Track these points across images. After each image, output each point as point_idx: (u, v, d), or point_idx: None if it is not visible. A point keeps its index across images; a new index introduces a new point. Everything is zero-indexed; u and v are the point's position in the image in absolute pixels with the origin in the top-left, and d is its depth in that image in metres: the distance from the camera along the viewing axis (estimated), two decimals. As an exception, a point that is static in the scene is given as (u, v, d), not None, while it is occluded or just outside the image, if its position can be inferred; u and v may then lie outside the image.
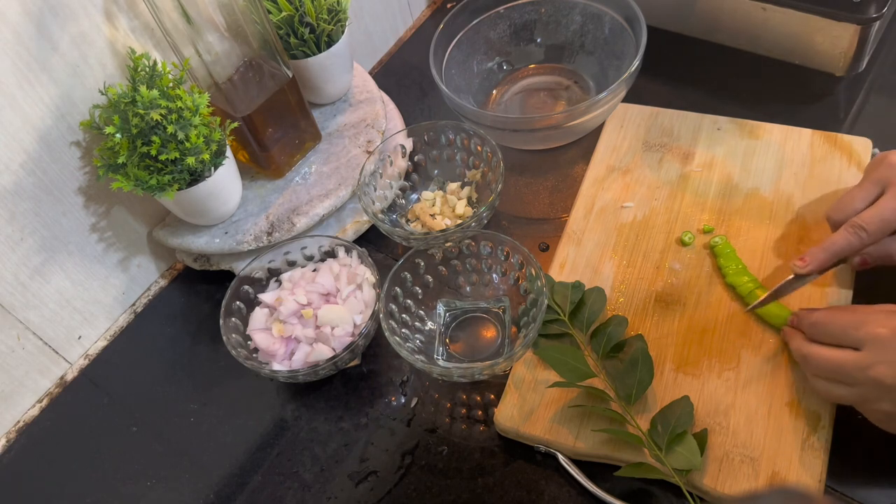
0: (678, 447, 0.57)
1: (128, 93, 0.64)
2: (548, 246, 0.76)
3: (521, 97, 0.90)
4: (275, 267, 0.73)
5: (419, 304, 0.70)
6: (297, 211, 0.76)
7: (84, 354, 0.78)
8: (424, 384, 0.69)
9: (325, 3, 0.76)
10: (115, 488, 0.67)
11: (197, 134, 0.66)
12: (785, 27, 0.81)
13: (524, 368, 0.66)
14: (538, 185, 0.82)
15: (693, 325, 0.65)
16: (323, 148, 0.82)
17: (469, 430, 0.65)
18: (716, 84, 0.87)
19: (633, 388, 0.61)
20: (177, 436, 0.70)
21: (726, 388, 0.61)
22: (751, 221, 0.71)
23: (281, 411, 0.70)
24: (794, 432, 0.58)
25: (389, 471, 0.64)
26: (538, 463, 0.62)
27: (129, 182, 0.65)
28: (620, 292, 0.69)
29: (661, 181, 0.76)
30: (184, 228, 0.77)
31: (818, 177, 0.73)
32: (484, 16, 0.87)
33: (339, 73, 0.82)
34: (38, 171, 0.66)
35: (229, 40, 0.71)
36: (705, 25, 0.88)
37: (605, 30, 0.85)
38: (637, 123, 0.81)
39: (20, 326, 0.70)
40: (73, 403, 0.74)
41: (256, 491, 0.65)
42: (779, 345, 0.63)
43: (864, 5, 0.75)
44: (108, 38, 0.67)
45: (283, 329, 0.68)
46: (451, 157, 0.80)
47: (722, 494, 0.56)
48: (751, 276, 0.66)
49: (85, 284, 0.74)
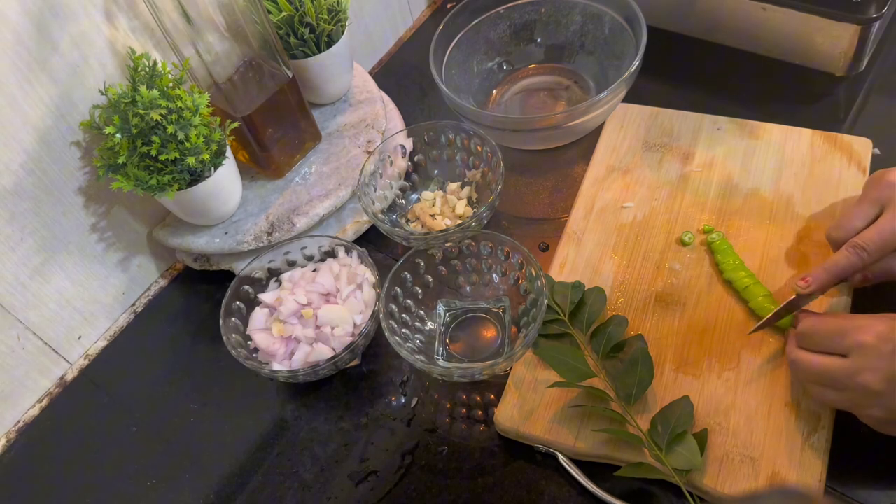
0: (678, 447, 0.57)
1: (128, 93, 0.64)
2: (548, 246, 0.76)
3: (521, 97, 0.90)
4: (275, 267, 0.73)
5: (419, 304, 0.70)
6: (297, 211, 0.76)
7: (84, 354, 0.78)
8: (424, 384, 0.69)
9: (325, 3, 0.76)
10: (115, 488, 0.67)
11: (197, 134, 0.66)
12: (785, 27, 0.81)
13: (524, 368, 0.65)
14: (538, 185, 0.82)
15: (693, 325, 0.65)
16: (323, 148, 0.82)
17: (469, 430, 0.65)
18: (716, 84, 0.87)
19: (633, 388, 0.61)
20: (177, 436, 0.70)
21: (726, 388, 0.61)
22: (751, 221, 0.71)
23: (281, 411, 0.70)
24: (794, 432, 0.58)
25: (389, 471, 0.64)
26: (538, 463, 0.62)
27: (129, 182, 0.65)
28: (620, 292, 0.69)
29: (661, 181, 0.76)
30: (184, 228, 0.77)
31: (818, 177, 0.73)
32: (484, 16, 0.87)
33: (339, 73, 0.82)
34: (38, 171, 0.66)
35: (229, 40, 0.71)
36: (705, 25, 0.88)
37: (605, 30, 0.85)
38: (637, 123, 0.81)
39: (20, 326, 0.70)
40: (73, 403, 0.74)
41: (256, 491, 0.65)
42: (779, 345, 0.63)
43: (864, 5, 0.75)
44: (108, 38, 0.67)
45: (283, 329, 0.68)
46: (451, 157, 0.80)
47: (722, 494, 0.56)
48: (748, 272, 0.66)
49: (85, 284, 0.74)
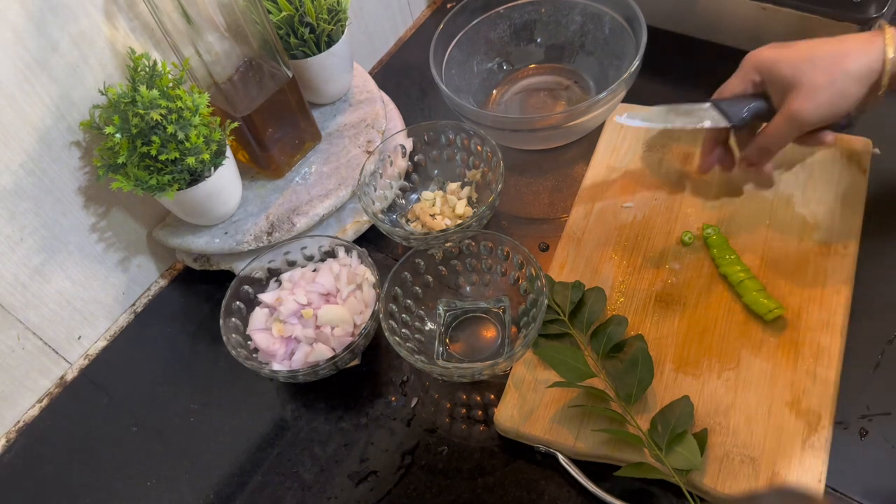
0: (678, 447, 0.57)
1: (128, 93, 0.64)
2: (548, 246, 0.76)
3: (521, 97, 0.90)
4: (275, 267, 0.73)
5: (419, 304, 0.70)
6: (297, 211, 0.76)
7: (84, 354, 0.78)
8: (424, 384, 0.69)
9: (325, 3, 0.76)
10: (115, 488, 0.67)
11: (197, 134, 0.66)
12: (785, 27, 0.81)
13: (524, 368, 0.65)
14: (538, 185, 0.82)
15: (693, 325, 0.65)
16: (323, 148, 0.82)
17: (469, 430, 0.65)
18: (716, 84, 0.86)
19: (633, 388, 0.61)
20: (177, 436, 0.70)
21: (726, 388, 0.61)
22: (751, 221, 0.71)
23: (281, 411, 0.70)
24: (794, 432, 0.58)
25: (389, 471, 0.64)
26: (538, 463, 0.62)
27: (129, 182, 0.65)
28: (620, 292, 0.69)
29: (661, 181, 0.76)
30: (184, 228, 0.77)
31: (818, 177, 0.73)
32: (484, 16, 0.87)
33: (339, 73, 0.82)
34: (38, 171, 0.66)
35: (229, 40, 0.71)
36: (705, 25, 0.88)
37: (605, 30, 0.85)
38: (637, 123, 0.81)
39: (20, 326, 0.70)
40: (73, 403, 0.74)
41: (256, 491, 0.65)
42: (779, 345, 0.63)
43: (864, 5, 0.75)
44: (108, 38, 0.67)
45: (283, 329, 0.68)
46: (451, 157, 0.80)
47: (722, 494, 0.56)
48: (743, 266, 0.66)
49: (85, 284, 0.74)
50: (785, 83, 0.62)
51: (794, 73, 0.61)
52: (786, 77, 0.61)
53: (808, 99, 0.60)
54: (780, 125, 0.63)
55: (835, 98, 0.60)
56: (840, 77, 0.59)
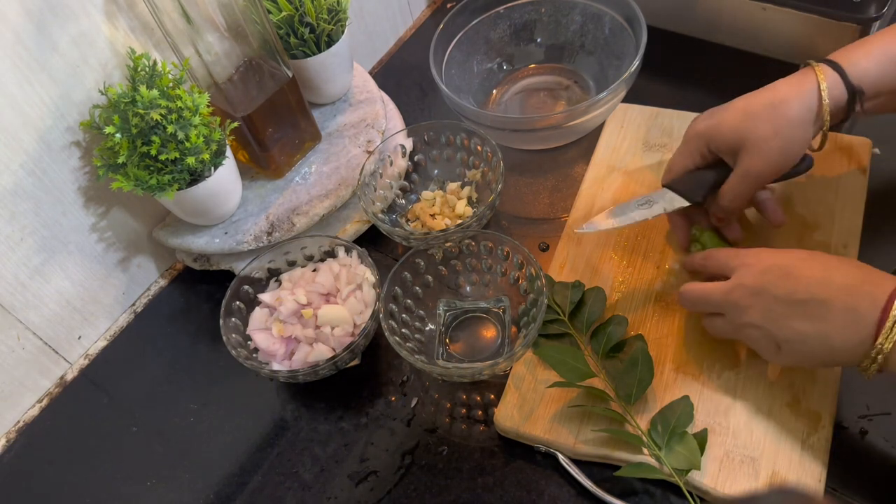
0: (678, 447, 0.57)
1: (128, 93, 0.64)
2: (548, 246, 0.76)
3: (521, 97, 0.90)
4: (275, 267, 0.73)
5: (419, 304, 0.70)
6: (297, 211, 0.76)
7: (84, 354, 0.78)
8: (424, 384, 0.69)
9: (325, 3, 0.76)
10: (115, 488, 0.67)
11: (197, 134, 0.66)
12: (785, 27, 0.81)
13: (524, 368, 0.66)
14: (538, 185, 0.82)
15: (693, 325, 0.65)
16: (323, 148, 0.82)
17: (469, 430, 0.65)
18: (716, 84, 0.87)
19: (633, 387, 0.61)
20: (177, 436, 0.70)
21: (726, 388, 0.61)
22: (750, 221, 0.71)
23: (281, 411, 0.70)
24: (794, 432, 0.58)
25: (389, 471, 0.64)
26: (538, 463, 0.62)
27: (129, 182, 0.65)
28: (620, 292, 0.69)
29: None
30: (184, 228, 0.77)
31: (818, 177, 0.73)
32: (484, 16, 0.87)
33: (339, 73, 0.82)
34: (38, 171, 0.66)
35: (229, 40, 0.71)
36: (705, 25, 0.88)
37: (605, 30, 0.85)
38: (637, 123, 0.81)
39: (20, 326, 0.70)
40: (73, 403, 0.74)
41: (256, 491, 0.65)
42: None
43: (864, 5, 0.75)
44: (108, 38, 0.67)
45: (282, 329, 0.68)
46: (451, 157, 0.80)
47: (722, 494, 0.56)
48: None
49: (85, 284, 0.74)
50: (732, 145, 0.61)
51: (738, 133, 0.60)
52: (730, 140, 0.61)
53: (758, 154, 0.60)
54: (736, 185, 0.62)
55: (784, 146, 0.59)
56: (784, 125, 0.59)
